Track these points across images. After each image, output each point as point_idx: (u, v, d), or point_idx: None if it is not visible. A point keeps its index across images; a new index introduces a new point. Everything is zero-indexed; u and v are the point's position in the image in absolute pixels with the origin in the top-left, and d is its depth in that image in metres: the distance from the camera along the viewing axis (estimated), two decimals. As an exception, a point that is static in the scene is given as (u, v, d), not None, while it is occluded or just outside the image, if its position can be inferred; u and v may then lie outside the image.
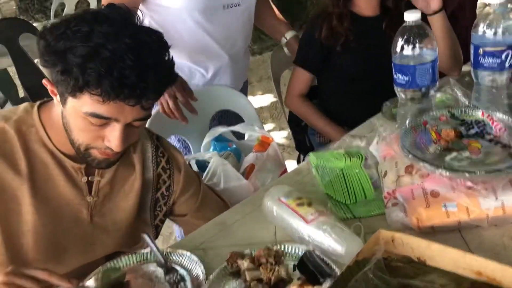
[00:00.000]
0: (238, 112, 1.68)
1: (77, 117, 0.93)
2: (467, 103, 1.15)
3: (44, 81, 0.96)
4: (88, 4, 4.81)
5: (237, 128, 1.46)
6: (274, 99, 3.56)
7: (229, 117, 1.69)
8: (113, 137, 0.94)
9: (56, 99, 0.97)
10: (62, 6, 4.55)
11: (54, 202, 1.02)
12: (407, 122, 1.10)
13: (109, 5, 0.97)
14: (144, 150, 1.13)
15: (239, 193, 1.29)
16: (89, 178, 1.05)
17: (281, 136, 3.43)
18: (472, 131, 1.07)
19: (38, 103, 1.04)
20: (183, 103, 1.40)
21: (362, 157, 1.17)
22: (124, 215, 1.10)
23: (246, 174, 1.36)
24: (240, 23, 1.62)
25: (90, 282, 0.94)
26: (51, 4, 6.80)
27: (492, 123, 1.07)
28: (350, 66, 1.67)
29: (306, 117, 1.78)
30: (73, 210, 1.04)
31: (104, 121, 0.93)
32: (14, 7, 8.07)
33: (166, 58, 0.97)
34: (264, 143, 1.45)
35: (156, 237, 1.21)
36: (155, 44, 0.94)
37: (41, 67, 0.99)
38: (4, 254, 0.98)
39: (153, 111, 1.55)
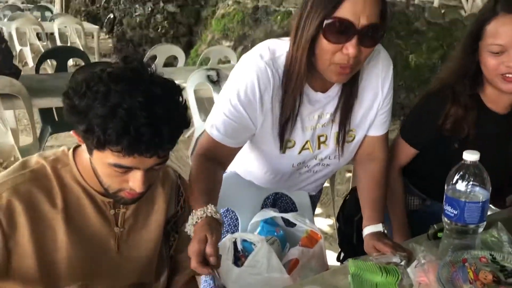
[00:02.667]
0: (293, 198, 1.72)
1: (103, 166, 1.06)
2: (510, 249, 1.18)
3: (72, 133, 1.08)
4: (175, 58, 5.18)
5: (288, 216, 1.52)
6: (326, 185, 3.62)
7: (283, 200, 1.73)
8: (135, 181, 1.06)
9: (84, 147, 1.09)
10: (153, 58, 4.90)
11: (86, 232, 1.14)
12: (448, 255, 1.14)
13: (123, 59, 1.06)
14: (170, 189, 1.27)
15: (279, 285, 1.32)
16: (116, 211, 1.17)
17: (325, 224, 3.45)
18: (511, 280, 1.09)
19: (74, 146, 1.18)
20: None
21: (398, 276, 1.21)
22: (148, 246, 1.22)
23: (289, 268, 1.41)
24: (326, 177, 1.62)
25: None
26: (144, 50, 7.41)
27: (532, 276, 1.09)
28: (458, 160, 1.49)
29: (393, 194, 1.62)
30: (103, 239, 1.16)
31: (127, 169, 1.05)
32: (110, 45, 8.85)
33: (179, 105, 1.06)
34: (312, 239, 1.49)
35: (173, 268, 1.31)
36: (167, 94, 1.03)
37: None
38: (39, 278, 1.09)
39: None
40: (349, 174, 4.02)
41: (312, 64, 1.28)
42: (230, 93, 1.33)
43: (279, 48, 1.34)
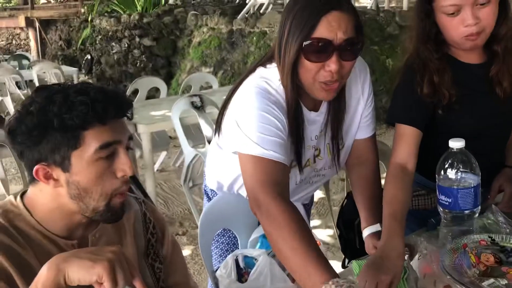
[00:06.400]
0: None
1: (88, 165, 1.02)
2: (508, 230, 1.20)
3: (35, 171, 1.02)
4: (157, 90, 5.17)
5: (287, 228, 1.51)
6: (322, 196, 3.63)
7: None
8: (123, 162, 1.04)
9: (54, 177, 1.03)
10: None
11: None
12: (448, 242, 1.16)
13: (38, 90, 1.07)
14: (133, 219, 1.20)
15: (285, 294, 1.32)
16: None
17: (326, 234, 3.44)
18: (512, 259, 1.10)
19: (20, 193, 1.11)
20: None
21: (405, 271, 1.22)
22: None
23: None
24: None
25: None
26: (124, 86, 7.42)
27: (533, 253, 1.11)
28: (455, 125, 1.42)
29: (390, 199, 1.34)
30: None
31: (112, 149, 1.03)
32: (91, 85, 8.83)
33: None
34: (311, 246, 1.49)
35: None
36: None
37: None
38: None
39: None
40: (343, 183, 4.04)
41: (301, 85, 1.32)
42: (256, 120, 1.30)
43: (272, 76, 1.36)
